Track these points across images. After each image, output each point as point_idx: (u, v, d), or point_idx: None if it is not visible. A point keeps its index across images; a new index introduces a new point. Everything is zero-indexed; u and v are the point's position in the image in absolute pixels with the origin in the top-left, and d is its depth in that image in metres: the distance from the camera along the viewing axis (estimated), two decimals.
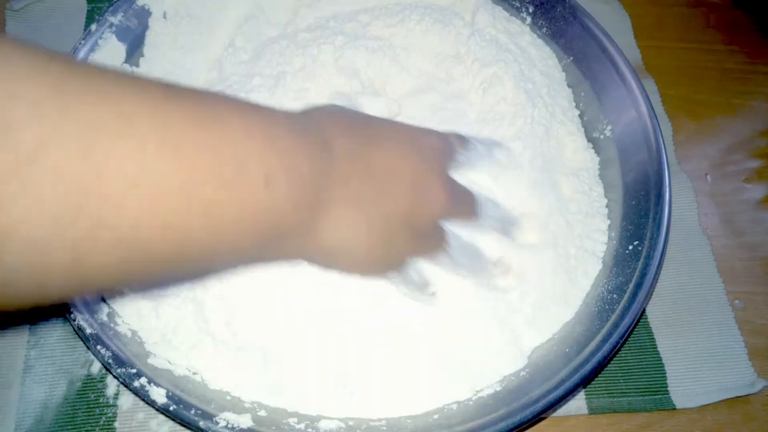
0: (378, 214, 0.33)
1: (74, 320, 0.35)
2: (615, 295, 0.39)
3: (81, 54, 0.45)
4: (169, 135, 0.23)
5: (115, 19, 0.47)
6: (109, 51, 0.46)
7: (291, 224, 0.29)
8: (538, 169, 0.44)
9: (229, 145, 0.25)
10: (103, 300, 0.38)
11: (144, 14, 0.49)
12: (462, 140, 0.40)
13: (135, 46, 0.48)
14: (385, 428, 0.35)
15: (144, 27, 0.48)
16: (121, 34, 0.47)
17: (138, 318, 0.37)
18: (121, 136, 0.22)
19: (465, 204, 0.39)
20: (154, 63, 0.48)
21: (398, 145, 0.35)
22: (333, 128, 0.32)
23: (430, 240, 0.37)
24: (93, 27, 0.46)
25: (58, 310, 0.36)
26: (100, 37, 0.46)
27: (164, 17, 0.49)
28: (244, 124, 0.27)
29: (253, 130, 0.27)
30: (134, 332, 0.37)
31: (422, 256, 0.38)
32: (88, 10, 0.55)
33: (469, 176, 0.41)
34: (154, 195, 0.23)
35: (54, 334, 0.41)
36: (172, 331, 0.37)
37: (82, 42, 0.45)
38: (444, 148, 0.38)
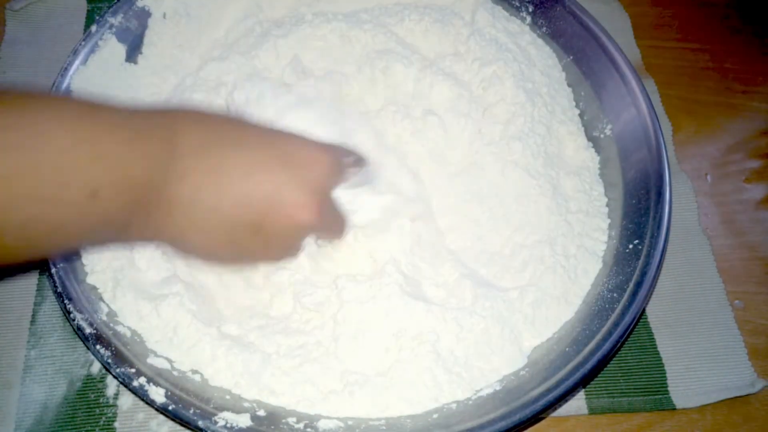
0: (220, 214, 0.32)
1: (74, 320, 0.35)
2: (615, 294, 0.39)
3: (81, 55, 0.45)
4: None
5: (115, 20, 0.47)
6: (109, 52, 0.46)
7: (127, 223, 0.30)
8: (539, 168, 0.44)
9: (49, 164, 0.26)
10: (103, 301, 0.38)
11: (144, 15, 0.49)
12: (359, 160, 0.38)
13: (135, 47, 0.48)
14: (384, 428, 0.35)
15: (144, 28, 0.49)
16: (121, 35, 0.47)
17: (138, 318, 0.37)
18: None
19: (333, 228, 0.38)
20: (153, 60, 0.48)
21: (264, 149, 0.34)
22: (188, 125, 0.32)
23: (283, 250, 0.37)
24: (93, 28, 0.46)
25: None
26: (101, 38, 0.46)
27: (164, 17, 0.49)
28: (70, 138, 0.27)
29: (79, 143, 0.28)
30: (134, 332, 0.37)
31: (272, 262, 0.38)
32: (88, 11, 0.56)
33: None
34: None
35: (54, 334, 0.41)
36: (172, 331, 0.37)
37: (83, 43, 0.45)
38: (327, 163, 0.35)
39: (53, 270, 0.37)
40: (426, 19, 0.50)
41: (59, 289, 0.36)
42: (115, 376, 0.34)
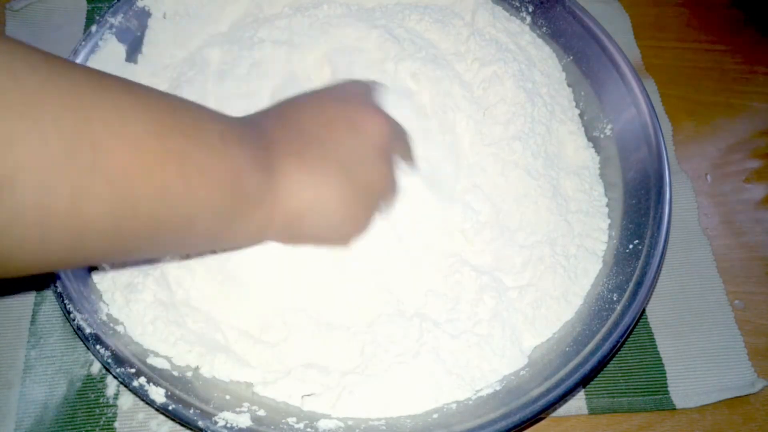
0: (333, 161, 0.34)
1: (74, 320, 0.35)
2: (615, 294, 0.39)
3: (81, 55, 0.45)
4: (139, 95, 0.27)
5: (115, 20, 0.47)
6: (110, 52, 0.46)
7: (252, 184, 0.31)
8: (539, 168, 0.44)
9: (187, 110, 0.30)
10: (103, 301, 0.38)
11: (144, 15, 0.49)
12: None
13: (135, 47, 0.48)
14: (384, 428, 0.35)
15: (144, 28, 0.49)
16: (121, 35, 0.47)
17: (138, 317, 0.37)
18: (103, 97, 0.25)
19: (404, 136, 0.40)
20: (153, 60, 0.48)
21: (320, 102, 0.37)
22: (258, 115, 0.36)
23: (392, 177, 0.37)
24: (93, 28, 0.46)
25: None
26: (101, 39, 0.46)
27: (164, 17, 0.49)
28: (194, 103, 0.31)
29: (203, 107, 0.31)
30: (133, 331, 0.37)
31: (388, 192, 0.38)
32: (88, 11, 0.55)
33: None
34: (136, 143, 0.26)
35: (54, 334, 0.41)
36: (171, 331, 0.37)
37: (83, 44, 0.45)
38: (364, 88, 0.39)
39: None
40: (426, 19, 0.50)
41: (59, 289, 0.36)
42: (115, 376, 0.34)
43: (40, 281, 0.42)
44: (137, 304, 0.37)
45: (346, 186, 0.34)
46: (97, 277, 0.38)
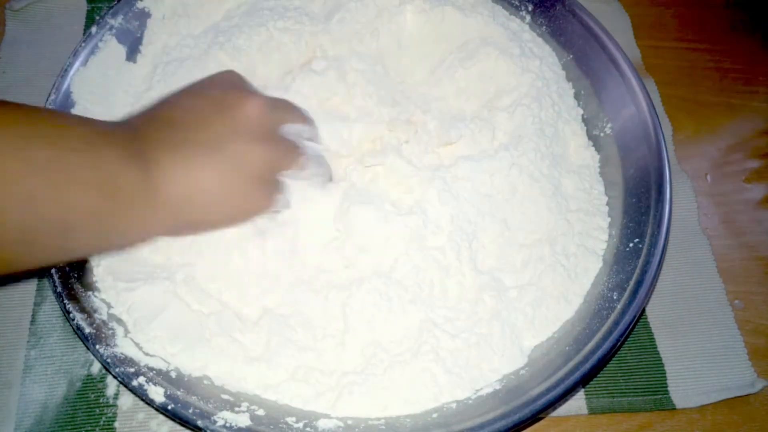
0: (205, 145, 0.34)
1: (74, 320, 0.35)
2: (615, 294, 0.39)
3: (81, 56, 0.45)
4: (5, 114, 0.28)
5: (115, 21, 0.47)
6: (109, 53, 0.47)
7: (126, 181, 0.32)
8: (544, 169, 0.44)
9: (51, 121, 0.31)
10: (103, 301, 0.38)
11: (144, 16, 0.49)
12: (305, 117, 0.41)
13: (135, 48, 0.48)
14: (383, 427, 0.35)
15: (143, 29, 0.49)
16: (121, 36, 0.47)
17: (137, 317, 0.37)
18: None
19: (287, 106, 0.40)
20: (151, 60, 0.48)
21: (187, 92, 0.38)
22: (126, 117, 0.36)
23: (279, 145, 0.37)
24: (93, 29, 0.46)
25: None
26: (101, 39, 0.46)
27: (163, 18, 0.49)
28: (61, 114, 0.34)
29: (69, 117, 0.34)
30: (133, 331, 0.37)
31: (282, 163, 0.38)
32: (87, 11, 0.56)
33: None
34: None
35: (54, 334, 0.41)
36: (171, 331, 0.37)
37: (83, 44, 0.45)
38: (235, 77, 0.39)
39: (53, 270, 0.37)
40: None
41: (59, 289, 0.36)
42: (114, 376, 0.35)
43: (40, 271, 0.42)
44: (137, 304, 0.37)
45: (221, 166, 0.34)
46: (97, 277, 0.38)
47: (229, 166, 0.35)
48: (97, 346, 0.35)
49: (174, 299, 0.38)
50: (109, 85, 0.46)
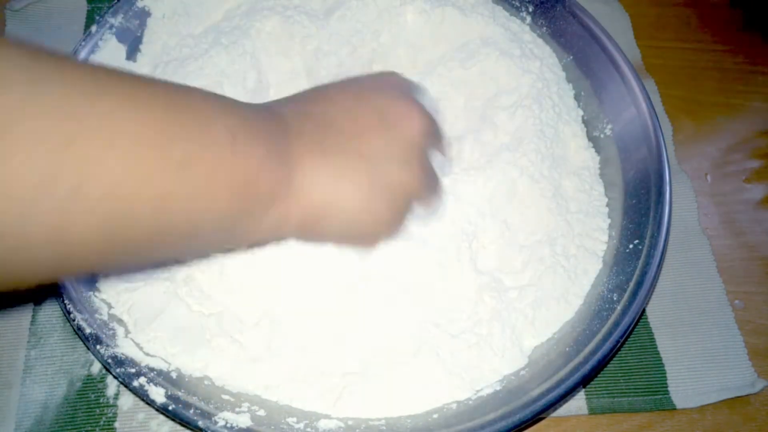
0: (360, 158, 0.32)
1: (74, 320, 0.35)
2: (615, 294, 0.39)
3: (81, 55, 0.45)
4: (138, 98, 0.25)
5: (116, 20, 0.47)
6: (110, 52, 0.46)
7: (266, 183, 0.29)
8: (544, 171, 0.44)
9: (194, 109, 0.27)
10: (103, 301, 0.38)
11: (144, 15, 0.49)
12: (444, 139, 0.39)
13: (135, 47, 0.48)
14: (384, 428, 0.35)
15: (144, 28, 0.49)
16: (121, 35, 0.47)
17: (137, 317, 0.37)
18: (94, 102, 0.23)
19: (441, 131, 0.37)
20: (151, 59, 0.48)
21: (348, 91, 0.35)
22: (278, 103, 0.34)
23: (424, 173, 0.34)
24: (93, 28, 0.46)
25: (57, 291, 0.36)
26: (101, 39, 0.46)
27: (163, 18, 0.49)
28: (204, 97, 0.28)
29: (214, 101, 0.29)
30: (133, 331, 0.37)
31: (421, 193, 0.35)
32: (88, 11, 0.55)
33: None
34: (129, 152, 0.24)
35: (54, 334, 0.41)
36: (171, 331, 0.37)
37: (83, 43, 0.45)
38: (402, 82, 0.37)
39: None
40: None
41: (59, 289, 0.36)
42: (115, 376, 0.35)
43: (38, 295, 0.42)
44: (138, 305, 0.37)
45: (370, 184, 0.32)
46: (99, 280, 0.38)
47: (377, 186, 0.32)
48: (98, 347, 0.35)
49: (174, 300, 0.38)
50: None
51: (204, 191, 0.27)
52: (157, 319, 0.37)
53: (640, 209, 0.43)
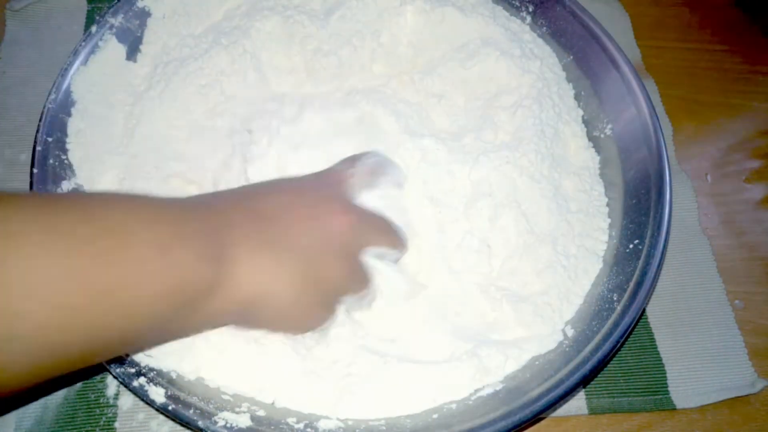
0: (291, 253, 0.33)
1: None
2: (615, 294, 0.39)
3: (81, 55, 0.45)
4: (57, 240, 0.25)
5: (116, 20, 0.47)
6: (110, 52, 0.46)
7: (200, 282, 0.29)
8: (544, 170, 0.44)
9: (114, 232, 0.27)
10: None
11: (144, 15, 0.49)
12: (353, 161, 0.39)
13: (135, 47, 0.48)
14: (384, 428, 0.35)
15: (144, 28, 0.49)
16: (122, 35, 0.47)
17: None
18: (9, 254, 0.23)
19: (380, 227, 0.38)
20: (151, 59, 0.48)
21: (285, 188, 0.36)
22: (220, 196, 0.35)
23: (352, 270, 0.36)
24: (93, 28, 0.46)
25: None
26: (101, 39, 0.46)
27: (164, 18, 0.49)
28: (126, 211, 0.28)
29: (138, 212, 0.29)
30: None
31: (349, 290, 0.36)
32: (88, 10, 0.55)
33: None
34: (51, 294, 0.24)
35: None
36: None
37: (83, 43, 0.45)
38: (337, 178, 0.38)
39: None
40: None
41: None
42: (115, 376, 0.34)
43: None
44: None
45: (301, 278, 0.33)
46: None
47: (308, 280, 0.33)
48: None
49: None
50: (109, 84, 0.46)
51: (134, 310, 0.27)
52: None
53: (641, 209, 0.43)
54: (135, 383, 0.34)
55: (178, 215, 0.31)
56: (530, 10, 0.53)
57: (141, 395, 0.34)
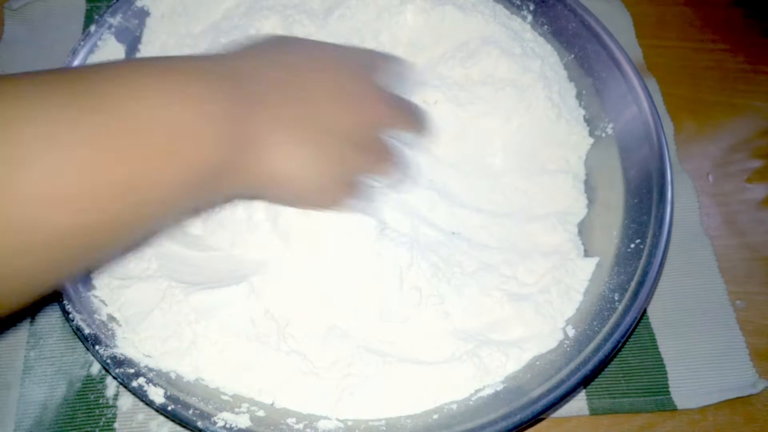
0: (316, 133, 0.33)
1: (73, 321, 0.35)
2: (616, 294, 0.39)
3: (80, 54, 0.45)
4: (78, 126, 0.24)
5: (114, 20, 0.47)
6: (109, 51, 0.46)
7: (222, 162, 0.30)
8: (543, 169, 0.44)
9: (128, 127, 0.26)
10: (103, 302, 0.37)
11: (143, 15, 0.49)
12: (384, 57, 0.40)
13: (134, 46, 0.48)
14: (384, 428, 0.35)
15: (142, 27, 0.49)
16: (120, 34, 0.47)
17: (136, 317, 0.37)
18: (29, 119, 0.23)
19: (408, 112, 0.39)
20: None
21: (320, 64, 0.36)
22: (250, 63, 0.33)
23: (377, 153, 0.36)
24: (92, 28, 0.46)
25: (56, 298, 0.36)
26: (100, 38, 0.46)
27: (162, 17, 0.49)
28: (138, 98, 0.27)
29: (151, 95, 0.28)
30: (132, 331, 0.37)
31: (372, 170, 0.37)
32: (86, 10, 0.55)
33: None
34: (71, 201, 0.24)
35: (53, 334, 0.41)
36: (171, 332, 0.37)
37: (82, 43, 0.45)
38: (369, 62, 0.38)
39: None
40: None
41: (59, 289, 0.36)
42: (114, 377, 0.34)
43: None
44: (129, 302, 0.37)
45: (326, 161, 0.34)
46: (96, 277, 0.38)
47: (334, 162, 0.34)
48: (97, 347, 0.34)
49: (168, 297, 0.37)
50: None
51: (156, 193, 0.27)
52: (148, 318, 0.36)
53: (642, 209, 0.43)
54: (134, 383, 0.34)
55: (204, 90, 0.29)
56: (531, 8, 0.52)
57: (140, 395, 0.34)
